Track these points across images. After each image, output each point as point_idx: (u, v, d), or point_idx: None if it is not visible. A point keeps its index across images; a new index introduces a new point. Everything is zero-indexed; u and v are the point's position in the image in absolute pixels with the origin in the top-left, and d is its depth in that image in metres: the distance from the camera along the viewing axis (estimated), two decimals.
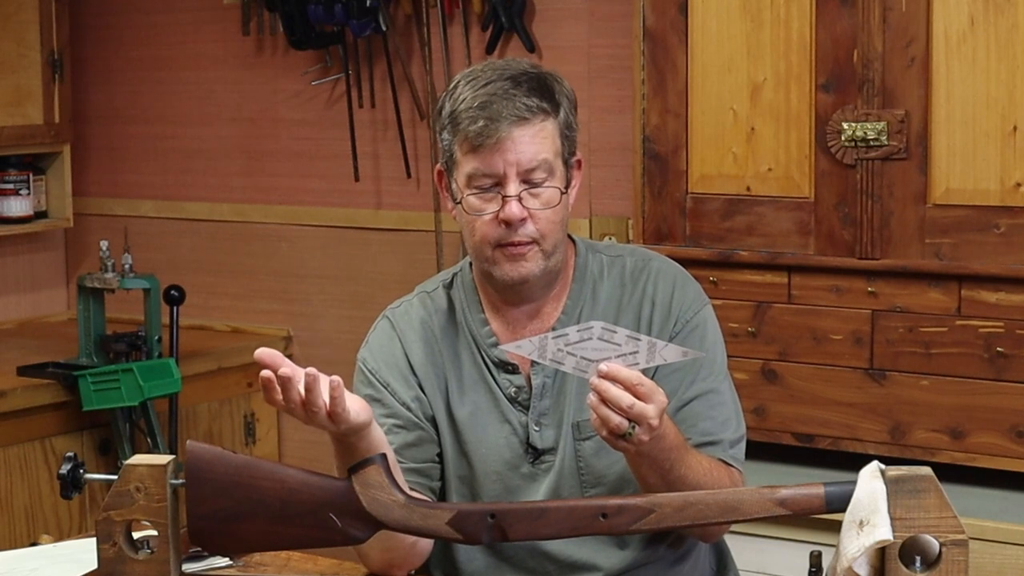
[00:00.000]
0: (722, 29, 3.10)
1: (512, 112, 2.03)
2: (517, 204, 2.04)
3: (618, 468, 2.10)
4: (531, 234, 2.06)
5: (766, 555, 2.99)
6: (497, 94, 2.04)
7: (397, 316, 2.22)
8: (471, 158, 2.05)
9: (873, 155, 2.97)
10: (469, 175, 2.06)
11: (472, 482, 2.16)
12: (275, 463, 1.84)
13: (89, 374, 3.69)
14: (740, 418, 2.17)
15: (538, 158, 2.05)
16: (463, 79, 2.10)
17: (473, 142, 2.04)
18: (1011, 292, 2.89)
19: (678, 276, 2.20)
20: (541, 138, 2.05)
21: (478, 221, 2.07)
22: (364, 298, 4.16)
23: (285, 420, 4.32)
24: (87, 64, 4.56)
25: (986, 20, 2.85)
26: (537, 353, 1.85)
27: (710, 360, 2.14)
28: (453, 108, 2.07)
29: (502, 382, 2.15)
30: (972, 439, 2.95)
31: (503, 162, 2.04)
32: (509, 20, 3.77)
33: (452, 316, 2.20)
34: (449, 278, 2.24)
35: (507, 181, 2.04)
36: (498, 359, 2.15)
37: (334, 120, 4.16)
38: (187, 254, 4.46)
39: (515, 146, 2.03)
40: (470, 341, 2.18)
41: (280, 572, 2.11)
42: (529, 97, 2.05)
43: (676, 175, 3.17)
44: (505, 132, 2.02)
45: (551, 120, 2.07)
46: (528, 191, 2.05)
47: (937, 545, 1.61)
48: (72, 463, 1.84)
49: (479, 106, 2.04)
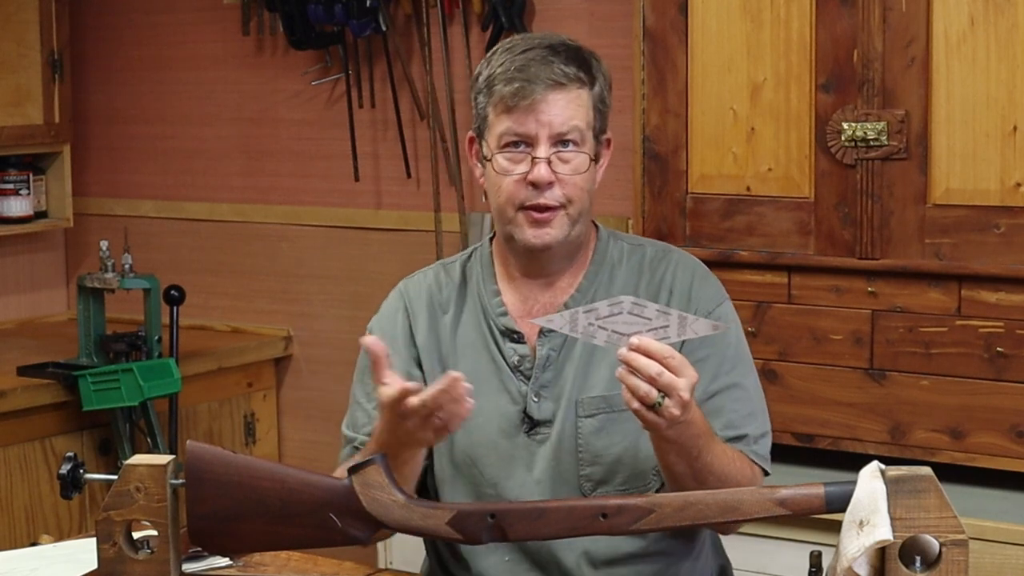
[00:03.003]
0: (722, 29, 3.10)
1: (549, 76, 2.07)
2: (546, 166, 2.07)
3: (616, 450, 2.12)
4: (557, 198, 2.09)
5: (766, 555, 2.99)
6: (535, 59, 2.08)
7: (409, 287, 2.27)
8: (504, 118, 2.09)
9: (873, 155, 2.97)
10: (501, 134, 2.09)
11: (468, 449, 2.17)
12: (275, 463, 1.84)
13: (89, 374, 3.69)
14: (765, 414, 2.18)
15: (570, 123, 2.08)
16: (501, 47, 2.15)
17: (508, 102, 2.07)
18: (1011, 292, 2.89)
19: (697, 269, 2.22)
20: (576, 105, 2.09)
21: (505, 181, 2.09)
22: (364, 298, 4.16)
23: (285, 420, 4.32)
24: (87, 64, 4.57)
25: (986, 20, 2.85)
26: (568, 327, 1.86)
27: (734, 354, 2.16)
28: (490, 72, 2.11)
29: (506, 351, 2.17)
30: (972, 439, 2.95)
31: (536, 123, 2.07)
32: (509, 20, 3.77)
33: (464, 287, 2.23)
34: (469, 252, 2.28)
35: (538, 143, 2.08)
36: (505, 327, 2.18)
37: (334, 120, 4.16)
38: (187, 254, 4.46)
39: (549, 108, 2.07)
40: (478, 310, 2.20)
41: (280, 572, 2.11)
42: (567, 65, 2.08)
43: (676, 175, 3.17)
44: (540, 95, 2.06)
45: (586, 90, 2.10)
46: (558, 155, 2.08)
47: (937, 545, 1.61)
48: (72, 463, 1.84)
49: (516, 68, 2.08)
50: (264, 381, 4.29)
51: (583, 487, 2.13)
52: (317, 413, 4.19)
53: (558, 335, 2.14)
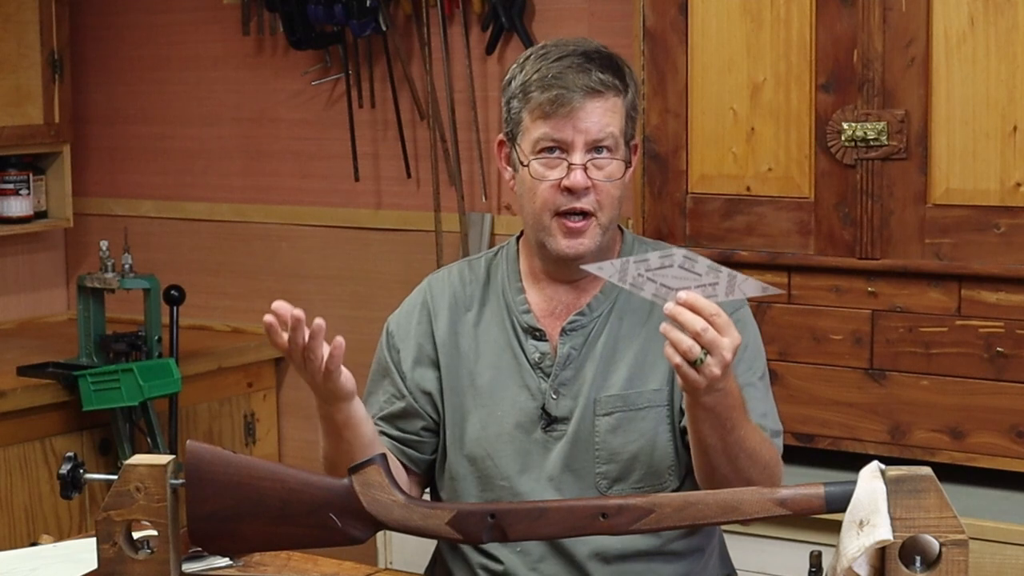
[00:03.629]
0: (722, 29, 3.10)
1: (586, 83, 2.09)
2: (582, 173, 2.10)
3: (632, 448, 2.14)
4: (591, 205, 2.11)
5: (766, 555, 2.99)
6: (572, 67, 2.10)
7: (433, 284, 2.30)
8: (541, 124, 2.11)
9: (873, 155, 2.97)
10: (537, 139, 2.12)
11: (484, 442, 2.19)
12: (275, 463, 1.84)
13: (89, 374, 3.68)
14: (777, 417, 2.20)
15: (606, 131, 2.11)
16: (533, 53, 2.16)
17: (545, 108, 2.10)
18: (1011, 292, 2.89)
19: None
20: (612, 113, 2.11)
21: (540, 187, 2.12)
22: (364, 298, 4.16)
23: (285, 420, 4.32)
24: (87, 64, 4.56)
25: (986, 20, 2.85)
26: (618, 276, 1.86)
27: (751, 356, 2.17)
28: (525, 79, 2.13)
29: (528, 347, 2.20)
30: (972, 439, 2.95)
31: (573, 130, 2.09)
32: (509, 20, 3.77)
33: (488, 285, 2.26)
34: (495, 250, 2.31)
35: (574, 149, 2.10)
36: (528, 325, 2.20)
37: (334, 120, 4.16)
38: (187, 254, 4.46)
39: (587, 116, 2.09)
40: (502, 307, 2.23)
41: (280, 572, 2.11)
42: (603, 72, 2.11)
43: (676, 175, 3.17)
44: (579, 103, 2.09)
45: (621, 97, 2.13)
46: (593, 162, 2.11)
47: (937, 545, 1.61)
48: (72, 463, 1.84)
49: (553, 76, 2.10)
50: (264, 381, 4.29)
51: (599, 484, 2.15)
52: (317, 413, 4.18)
53: (579, 334, 2.18)
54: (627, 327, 2.19)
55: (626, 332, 2.19)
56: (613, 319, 2.19)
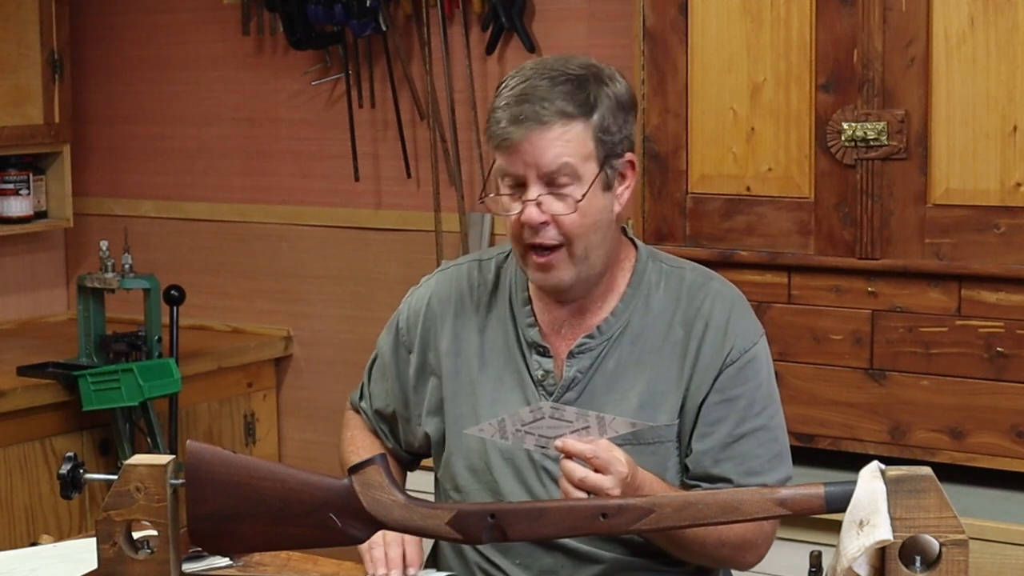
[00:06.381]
0: (722, 29, 3.10)
1: (532, 116, 2.01)
2: (535, 208, 2.03)
3: None
4: (554, 238, 2.05)
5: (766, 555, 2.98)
6: (526, 94, 2.03)
7: (441, 281, 2.26)
8: (500, 157, 2.06)
9: (873, 155, 2.97)
10: (497, 171, 2.07)
11: (484, 456, 2.16)
12: (275, 463, 1.84)
13: (89, 374, 3.69)
14: (788, 456, 2.16)
15: (558, 162, 2.02)
16: (514, 72, 2.09)
17: (495, 142, 2.05)
18: (1011, 292, 2.89)
19: (736, 302, 2.17)
20: (563, 142, 2.02)
21: (508, 220, 2.07)
22: (364, 298, 4.16)
23: (285, 420, 4.32)
24: (87, 64, 4.57)
25: (986, 20, 2.85)
26: (499, 434, 1.91)
27: (765, 394, 2.13)
28: (494, 104, 2.07)
29: (532, 363, 2.15)
30: (972, 439, 2.95)
31: (523, 165, 2.03)
32: (509, 20, 3.77)
33: (495, 289, 2.22)
34: (507, 252, 2.24)
35: (528, 183, 2.04)
36: (532, 340, 2.16)
37: (334, 120, 4.16)
38: (187, 254, 4.46)
39: (533, 150, 2.02)
40: (507, 316, 2.19)
41: (280, 572, 2.11)
42: (554, 102, 2.02)
43: (676, 175, 3.17)
44: (521, 136, 2.01)
45: (580, 122, 2.03)
46: (551, 194, 2.03)
47: (937, 545, 1.61)
48: (72, 463, 1.84)
49: (504, 106, 2.04)
50: (264, 381, 4.29)
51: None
52: (317, 413, 4.19)
53: (587, 357, 2.13)
54: (639, 351, 2.12)
55: (637, 357, 2.12)
56: (625, 341, 2.13)
